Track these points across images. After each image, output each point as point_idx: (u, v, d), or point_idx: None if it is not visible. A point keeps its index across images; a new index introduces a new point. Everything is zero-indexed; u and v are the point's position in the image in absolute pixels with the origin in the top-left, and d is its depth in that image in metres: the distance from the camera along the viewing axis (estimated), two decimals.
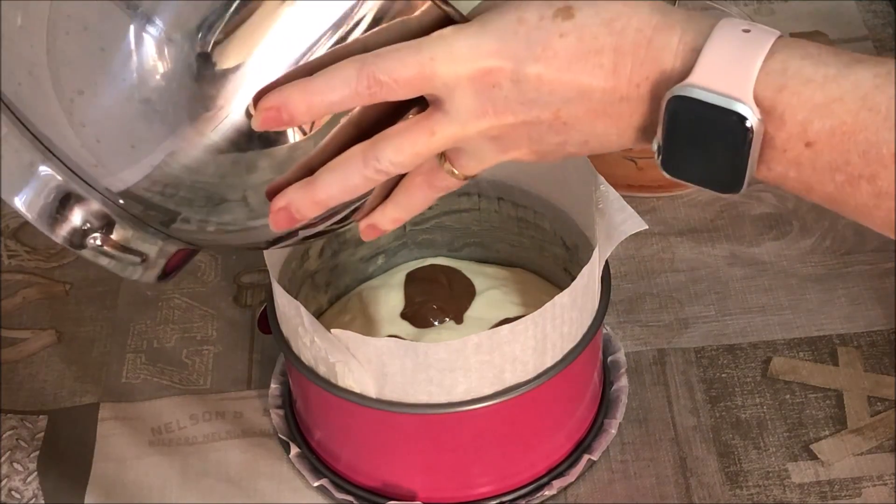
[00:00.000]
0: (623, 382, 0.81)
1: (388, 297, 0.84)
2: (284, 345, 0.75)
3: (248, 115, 0.58)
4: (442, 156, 0.61)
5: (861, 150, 0.54)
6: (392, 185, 0.63)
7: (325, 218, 0.63)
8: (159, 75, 0.57)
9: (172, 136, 0.58)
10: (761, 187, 0.92)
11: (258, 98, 0.57)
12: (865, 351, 0.83)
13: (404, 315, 0.83)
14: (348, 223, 0.65)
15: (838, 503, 0.75)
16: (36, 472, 0.80)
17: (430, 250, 0.87)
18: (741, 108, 0.55)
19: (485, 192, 0.83)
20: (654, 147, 0.58)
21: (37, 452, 0.81)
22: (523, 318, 0.69)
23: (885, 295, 0.86)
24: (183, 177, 0.59)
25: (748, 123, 0.55)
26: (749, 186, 0.57)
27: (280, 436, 0.80)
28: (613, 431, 0.79)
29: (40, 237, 0.76)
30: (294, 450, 0.79)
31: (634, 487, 0.77)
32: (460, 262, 0.87)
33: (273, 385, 0.82)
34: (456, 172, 0.62)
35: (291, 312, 0.71)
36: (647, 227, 0.73)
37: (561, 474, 0.77)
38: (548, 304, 0.69)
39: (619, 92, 0.57)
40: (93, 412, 0.83)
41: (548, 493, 0.77)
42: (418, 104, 0.60)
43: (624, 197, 0.74)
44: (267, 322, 0.77)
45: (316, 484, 0.77)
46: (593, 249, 0.72)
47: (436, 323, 0.82)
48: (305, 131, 0.59)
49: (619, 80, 0.57)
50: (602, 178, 0.75)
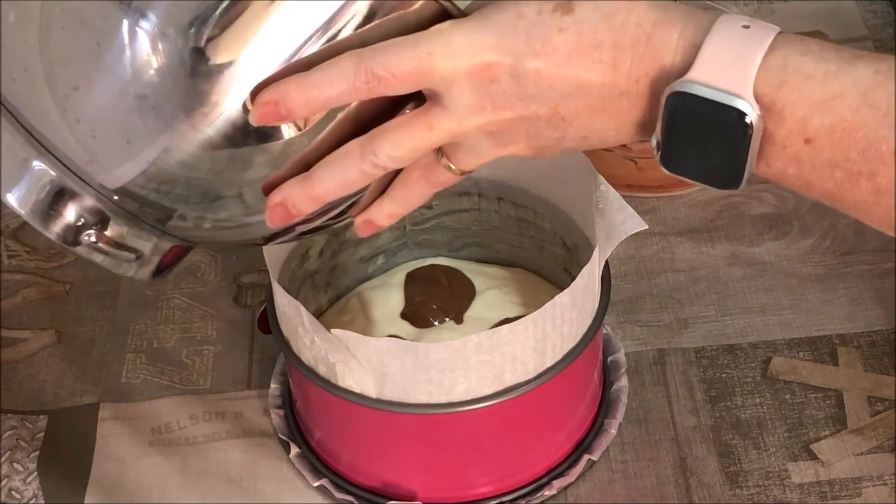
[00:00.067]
0: (623, 382, 0.81)
1: (388, 297, 0.84)
2: (284, 345, 0.75)
3: (246, 109, 0.57)
4: (439, 151, 0.61)
5: (861, 147, 0.54)
6: (388, 181, 0.63)
7: (321, 213, 0.63)
8: (154, 71, 0.57)
9: (168, 131, 0.58)
10: (761, 187, 0.93)
11: (255, 92, 0.57)
12: (865, 351, 0.83)
13: (404, 315, 0.83)
14: (345, 219, 0.65)
15: (838, 503, 0.75)
16: (36, 472, 0.80)
17: (430, 250, 0.87)
18: (741, 104, 0.54)
19: (485, 192, 0.83)
20: (653, 143, 0.58)
21: (37, 452, 0.81)
22: (523, 318, 0.69)
23: (885, 295, 0.86)
24: (179, 173, 0.59)
25: (748, 119, 0.55)
26: (748, 183, 0.57)
27: (280, 436, 0.80)
28: (613, 431, 0.79)
29: (40, 237, 0.76)
30: (294, 450, 0.79)
31: (634, 487, 0.77)
32: (460, 262, 0.86)
33: (273, 385, 0.82)
34: (453, 167, 0.62)
35: (291, 312, 0.71)
36: (647, 227, 0.73)
37: (561, 474, 0.77)
38: (548, 304, 0.69)
39: (618, 87, 0.57)
40: (93, 412, 0.83)
41: (548, 493, 0.76)
42: (416, 99, 0.60)
43: (624, 197, 0.74)
44: (267, 322, 0.76)
45: (316, 484, 0.77)
46: (593, 249, 0.72)
47: (436, 323, 0.82)
48: (302, 127, 0.59)
49: (618, 75, 0.57)
50: (602, 178, 0.75)
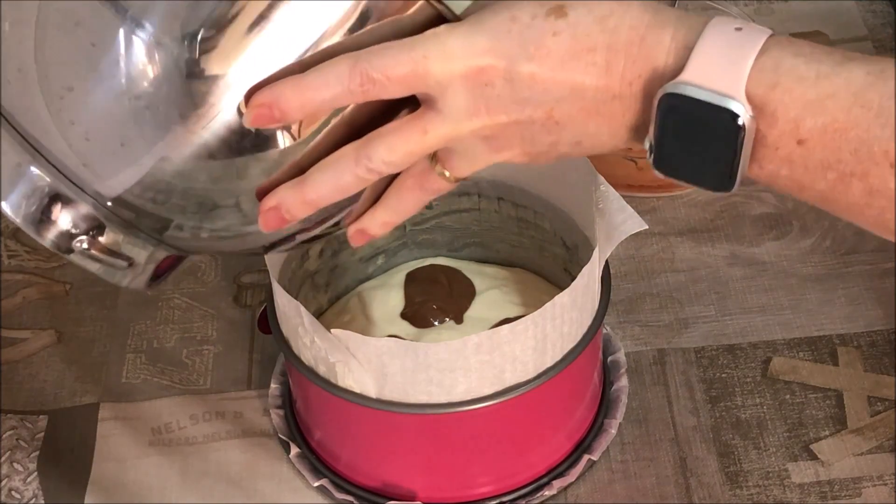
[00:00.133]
0: (623, 382, 0.81)
1: (388, 297, 0.84)
2: (284, 345, 0.75)
3: (240, 112, 0.57)
4: (434, 158, 0.61)
5: (853, 148, 0.54)
6: (381, 190, 0.63)
7: (320, 221, 0.63)
8: (149, 77, 0.56)
9: (163, 135, 0.58)
10: (761, 187, 0.93)
11: (250, 95, 0.57)
12: (865, 351, 0.83)
13: (404, 315, 0.83)
14: (342, 228, 0.65)
15: (838, 503, 0.75)
16: (36, 472, 0.80)
17: (430, 250, 0.87)
18: (733, 106, 0.54)
19: (485, 192, 0.83)
20: (647, 145, 0.57)
21: (37, 452, 0.81)
22: (523, 318, 0.69)
23: (885, 295, 0.86)
24: (174, 181, 0.59)
25: (740, 121, 0.54)
26: (741, 185, 0.57)
27: (280, 436, 0.80)
28: (613, 431, 0.79)
29: None
30: (294, 450, 0.79)
31: (634, 487, 0.77)
32: (460, 262, 0.86)
33: (273, 385, 0.82)
34: (447, 174, 0.61)
35: (291, 312, 0.71)
36: (647, 227, 0.73)
37: (561, 474, 0.77)
38: (548, 304, 0.69)
39: (611, 90, 0.57)
40: (93, 412, 0.83)
41: (548, 493, 0.76)
42: (411, 105, 0.60)
43: (624, 197, 0.74)
44: (267, 322, 0.76)
45: (316, 484, 0.77)
46: (593, 249, 0.72)
47: (436, 323, 0.82)
48: (297, 132, 0.59)
49: (611, 78, 0.57)
50: (602, 178, 0.75)
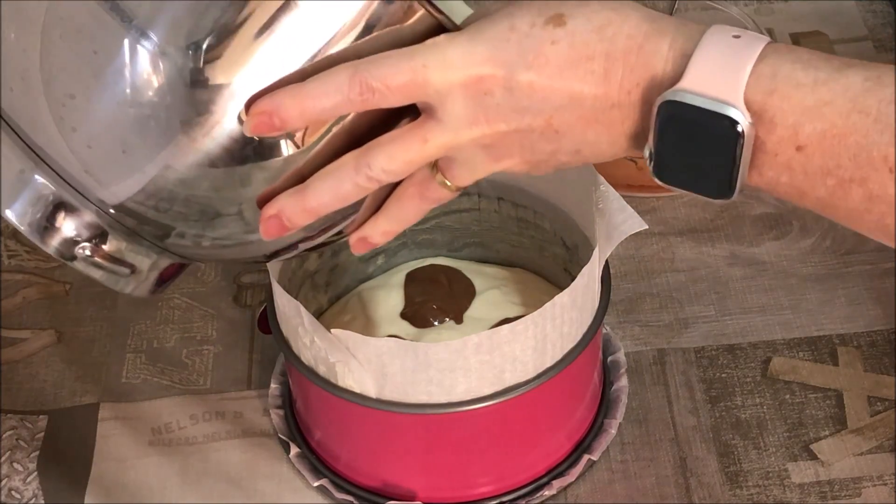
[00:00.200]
0: (623, 382, 0.81)
1: (388, 297, 0.84)
2: (284, 345, 0.75)
3: (241, 121, 0.58)
4: (434, 167, 0.61)
5: (852, 154, 0.54)
6: (383, 198, 0.63)
7: (321, 230, 0.63)
8: (152, 86, 0.57)
9: (165, 145, 0.58)
10: None
11: (250, 103, 0.57)
12: (865, 351, 0.83)
13: (404, 315, 0.83)
14: (345, 236, 0.65)
15: (838, 503, 0.75)
16: (36, 472, 0.80)
17: (430, 250, 0.87)
18: (732, 112, 0.54)
19: (485, 192, 0.83)
20: (646, 153, 0.58)
21: (37, 452, 0.81)
22: (523, 318, 0.69)
23: (885, 295, 0.86)
24: (176, 189, 0.59)
25: (739, 127, 0.55)
26: (740, 192, 0.57)
27: (280, 436, 0.80)
28: (613, 431, 0.79)
29: None
30: (294, 450, 0.79)
31: (634, 487, 0.77)
32: (460, 262, 0.86)
33: (273, 385, 0.82)
34: (448, 183, 0.62)
35: (291, 312, 0.71)
36: (647, 227, 0.73)
37: (561, 474, 0.77)
38: (548, 304, 0.69)
39: (610, 98, 0.57)
40: (93, 412, 0.83)
41: (548, 493, 0.76)
42: (411, 113, 0.60)
43: (624, 197, 0.74)
44: (267, 322, 0.77)
45: (316, 484, 0.77)
46: (593, 249, 0.72)
47: (436, 323, 0.82)
48: (297, 140, 0.59)
49: (610, 86, 0.57)
50: (602, 178, 0.75)
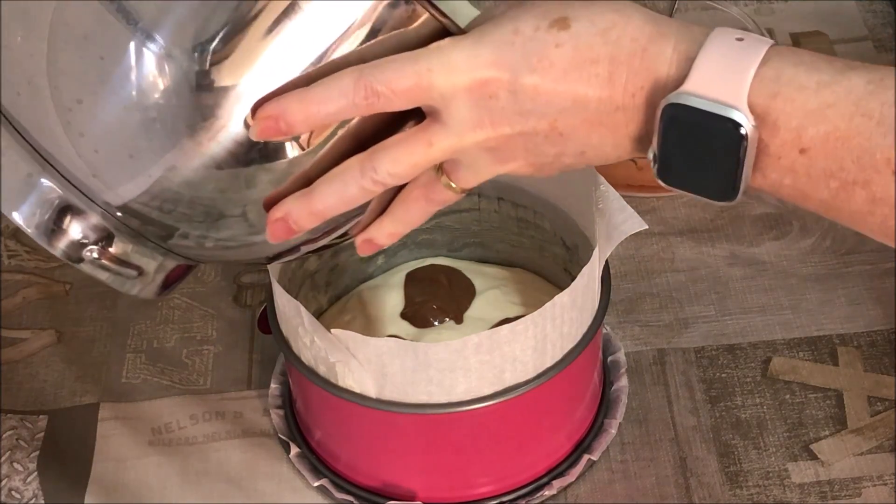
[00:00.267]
0: (623, 382, 0.81)
1: (388, 297, 0.84)
2: (284, 345, 0.75)
3: (247, 125, 0.58)
4: (439, 169, 0.62)
5: (855, 156, 0.54)
6: (388, 200, 0.63)
7: (325, 233, 0.63)
8: (159, 89, 0.57)
9: (171, 147, 0.58)
10: None
11: (256, 108, 0.57)
12: (865, 351, 0.83)
13: (404, 315, 0.83)
14: (349, 238, 0.65)
15: (838, 503, 0.75)
16: (36, 472, 0.80)
17: (430, 250, 0.87)
18: (735, 115, 0.55)
19: (485, 192, 0.83)
20: (650, 156, 0.58)
21: (37, 452, 0.81)
22: (523, 318, 0.69)
23: (885, 295, 0.86)
24: (181, 191, 0.59)
25: (743, 130, 0.55)
26: (744, 195, 0.57)
27: (280, 436, 0.80)
28: (613, 431, 0.79)
29: None
30: (294, 450, 0.79)
31: (634, 487, 0.77)
32: (460, 262, 0.86)
33: (273, 385, 0.82)
34: (453, 185, 0.62)
35: (291, 312, 0.71)
36: (647, 227, 0.73)
37: (561, 474, 0.77)
38: (548, 304, 0.69)
39: (614, 101, 0.57)
40: (93, 412, 0.83)
41: (548, 493, 0.76)
42: (416, 117, 0.60)
43: (624, 197, 0.74)
44: (267, 322, 0.77)
45: (316, 484, 0.77)
46: (593, 249, 0.72)
47: (436, 323, 0.82)
48: (303, 144, 0.59)
49: (614, 89, 0.57)
50: (602, 178, 0.75)
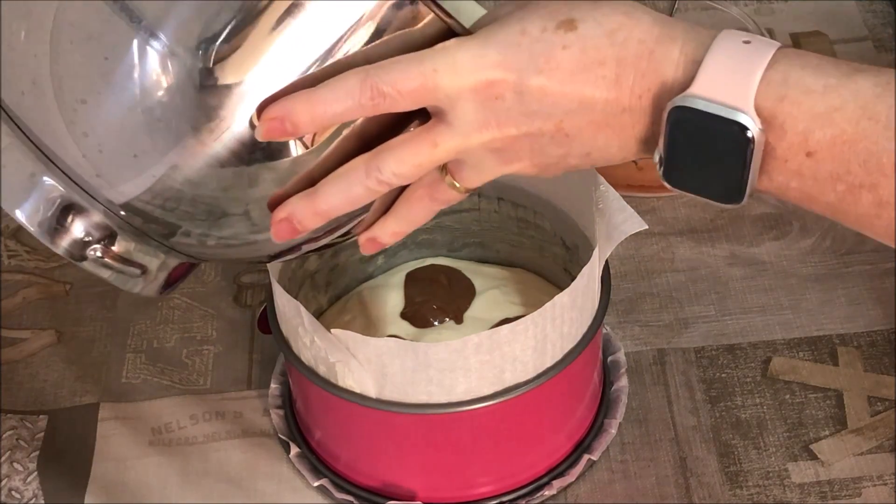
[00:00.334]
0: (623, 382, 0.81)
1: (388, 297, 0.84)
2: (284, 345, 0.75)
3: (252, 126, 0.58)
4: (444, 169, 0.62)
5: (861, 160, 0.54)
6: (392, 199, 0.63)
7: (327, 231, 0.63)
8: (162, 88, 0.57)
9: (175, 147, 0.58)
10: None
11: (262, 108, 0.57)
12: (865, 351, 0.83)
13: (404, 315, 0.83)
14: (351, 237, 0.65)
15: (838, 503, 0.75)
16: (36, 472, 0.80)
17: (430, 250, 0.87)
18: (742, 118, 0.55)
19: (485, 192, 0.83)
20: (656, 158, 0.58)
21: (37, 452, 0.81)
22: (523, 318, 0.69)
23: (885, 295, 0.86)
24: (185, 189, 0.59)
25: (749, 133, 0.55)
26: (750, 197, 0.57)
27: (280, 436, 0.80)
28: (613, 431, 0.79)
29: None
30: (294, 450, 0.79)
31: (634, 487, 0.77)
32: (460, 262, 0.86)
33: (273, 385, 0.82)
34: (457, 185, 0.62)
35: (291, 312, 0.71)
36: (647, 227, 0.73)
37: (561, 474, 0.77)
38: (548, 304, 0.69)
39: (621, 103, 0.57)
40: (93, 412, 0.83)
41: (548, 493, 0.76)
42: (421, 117, 0.60)
43: (624, 197, 0.74)
44: (267, 322, 0.77)
45: (316, 484, 0.77)
46: (593, 249, 0.72)
47: (436, 323, 0.82)
48: (308, 143, 0.59)
49: (621, 91, 0.57)
50: (602, 178, 0.75)
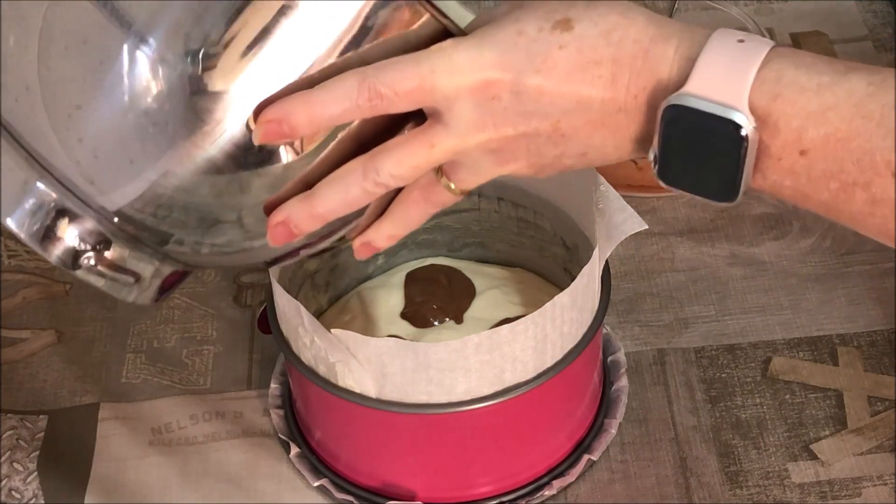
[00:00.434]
0: (623, 382, 0.81)
1: (388, 297, 0.84)
2: (284, 345, 0.75)
3: (249, 129, 0.57)
4: (439, 170, 0.61)
5: (855, 158, 0.54)
6: (386, 203, 0.63)
7: (325, 236, 0.63)
8: (154, 93, 0.57)
9: (170, 151, 0.58)
10: None
11: (258, 111, 0.57)
12: (865, 351, 0.83)
13: (404, 315, 0.83)
14: (346, 242, 0.65)
15: (838, 503, 0.75)
16: (36, 472, 0.80)
17: (430, 250, 0.87)
18: (736, 117, 0.55)
19: (485, 192, 0.83)
20: (651, 157, 0.58)
21: (37, 452, 0.81)
22: (523, 318, 0.69)
23: (885, 295, 0.86)
24: (179, 196, 0.59)
25: (743, 132, 0.55)
26: (744, 195, 0.57)
27: (280, 436, 0.80)
28: (613, 431, 0.79)
29: None
30: (294, 450, 0.79)
31: (634, 487, 0.77)
32: (460, 262, 0.86)
33: (273, 385, 0.82)
34: (453, 187, 0.62)
35: (291, 312, 0.71)
36: (647, 227, 0.73)
37: (561, 474, 0.77)
38: (548, 304, 0.69)
39: (617, 102, 0.57)
40: (93, 412, 0.83)
41: (548, 493, 0.76)
42: (417, 118, 0.60)
43: (624, 197, 0.74)
44: (267, 322, 0.77)
45: (316, 484, 0.77)
46: (593, 249, 0.72)
47: (436, 323, 0.82)
48: (304, 146, 0.59)
49: (617, 90, 0.57)
50: (602, 178, 0.75)
